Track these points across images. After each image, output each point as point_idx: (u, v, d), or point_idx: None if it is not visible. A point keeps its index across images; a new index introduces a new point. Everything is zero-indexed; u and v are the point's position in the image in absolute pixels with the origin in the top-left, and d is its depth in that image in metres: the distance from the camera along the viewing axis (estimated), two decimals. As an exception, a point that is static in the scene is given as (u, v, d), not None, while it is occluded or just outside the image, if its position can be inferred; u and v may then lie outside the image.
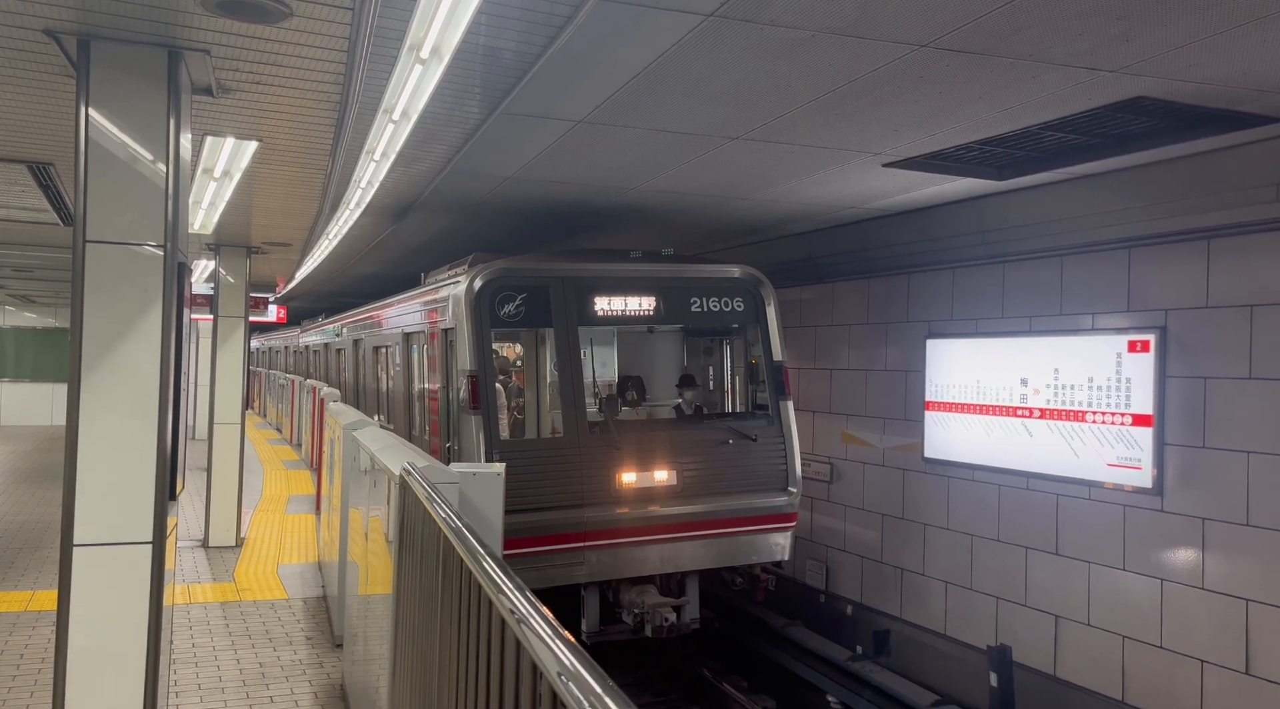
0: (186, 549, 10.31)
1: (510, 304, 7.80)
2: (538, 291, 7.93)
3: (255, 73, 4.68)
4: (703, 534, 7.95)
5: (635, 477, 7.81)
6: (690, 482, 8.01)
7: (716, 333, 9.81)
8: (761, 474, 8.30)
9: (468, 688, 2.47)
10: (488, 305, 7.72)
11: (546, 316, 7.98)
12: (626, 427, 8.22)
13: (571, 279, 8.07)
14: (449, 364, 8.41)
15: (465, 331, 7.67)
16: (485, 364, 7.58)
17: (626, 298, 8.26)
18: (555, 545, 7.44)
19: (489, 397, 7.54)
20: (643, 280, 8.36)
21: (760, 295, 8.75)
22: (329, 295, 23.01)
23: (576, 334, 8.06)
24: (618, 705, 1.41)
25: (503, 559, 2.39)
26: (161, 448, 4.17)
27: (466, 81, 5.16)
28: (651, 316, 8.41)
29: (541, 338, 9.89)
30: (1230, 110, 5.52)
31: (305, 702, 5.98)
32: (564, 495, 7.56)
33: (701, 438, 8.25)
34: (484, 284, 7.74)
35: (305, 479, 15.79)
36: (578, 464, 7.66)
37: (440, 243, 11.49)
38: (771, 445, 8.39)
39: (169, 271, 4.23)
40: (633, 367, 10.23)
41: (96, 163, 4.13)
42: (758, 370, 8.97)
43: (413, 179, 7.73)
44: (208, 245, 11.40)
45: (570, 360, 7.95)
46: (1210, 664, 6.78)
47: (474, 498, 4.20)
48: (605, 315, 8.21)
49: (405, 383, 10.81)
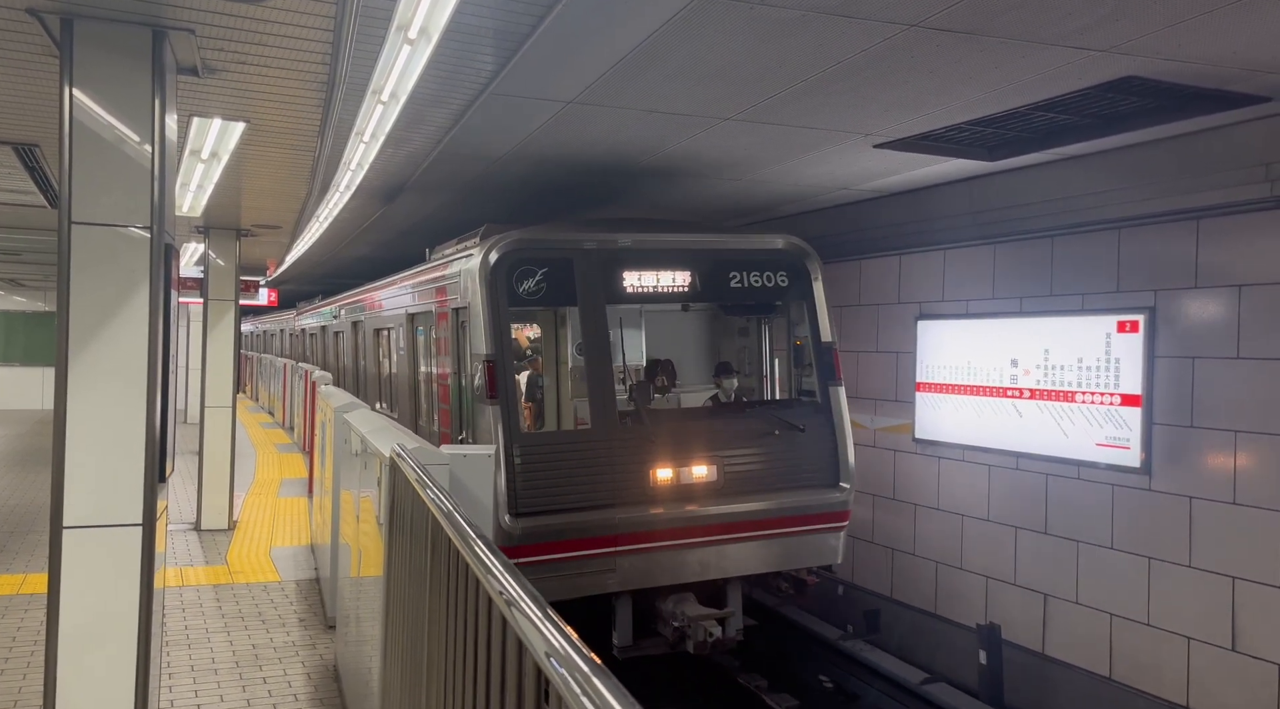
0: (179, 532, 10.31)
1: (529, 280, 6.97)
2: (560, 265, 7.07)
3: (241, 52, 4.64)
4: (748, 536, 7.14)
5: (672, 473, 7.02)
6: (733, 478, 7.22)
7: (758, 311, 8.95)
8: (811, 468, 7.52)
9: (458, 668, 2.48)
10: (505, 281, 6.91)
11: (570, 294, 7.14)
12: (660, 417, 7.49)
13: (597, 251, 7.21)
14: (460, 348, 7.72)
15: (480, 311, 6.87)
16: (503, 348, 6.82)
17: (659, 272, 7.39)
18: (583, 551, 6.66)
19: (508, 384, 6.79)
20: (677, 252, 7.50)
21: (807, 268, 7.90)
22: (321, 279, 22.94)
23: (604, 313, 7.19)
24: (605, 685, 1.42)
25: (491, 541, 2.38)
26: (150, 430, 4.16)
27: (455, 62, 5.13)
28: (687, 293, 7.60)
29: (562, 318, 9.07)
30: (1219, 90, 5.52)
31: (298, 682, 6.01)
32: (592, 495, 6.78)
33: (744, 429, 7.44)
34: (500, 257, 6.91)
35: (297, 462, 15.79)
36: (607, 459, 6.86)
37: (432, 225, 11.45)
38: (821, 436, 7.59)
39: (156, 253, 4.20)
40: (661, 349, 9.36)
41: (81, 144, 4.09)
42: (803, 352, 8.15)
43: (402, 160, 7.68)
44: (197, 228, 11.34)
45: (597, 343, 7.10)
46: (1196, 641, 6.84)
47: (465, 479, 4.21)
48: (636, 292, 7.36)
49: (410, 368, 10.02)
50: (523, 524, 6.51)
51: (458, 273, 7.53)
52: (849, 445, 7.61)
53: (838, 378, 7.78)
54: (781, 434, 7.46)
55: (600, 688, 1.40)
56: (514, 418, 6.75)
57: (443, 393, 8.43)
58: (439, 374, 8.62)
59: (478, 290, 6.88)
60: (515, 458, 6.61)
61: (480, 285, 6.87)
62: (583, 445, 6.99)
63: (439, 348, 8.51)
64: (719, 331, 9.68)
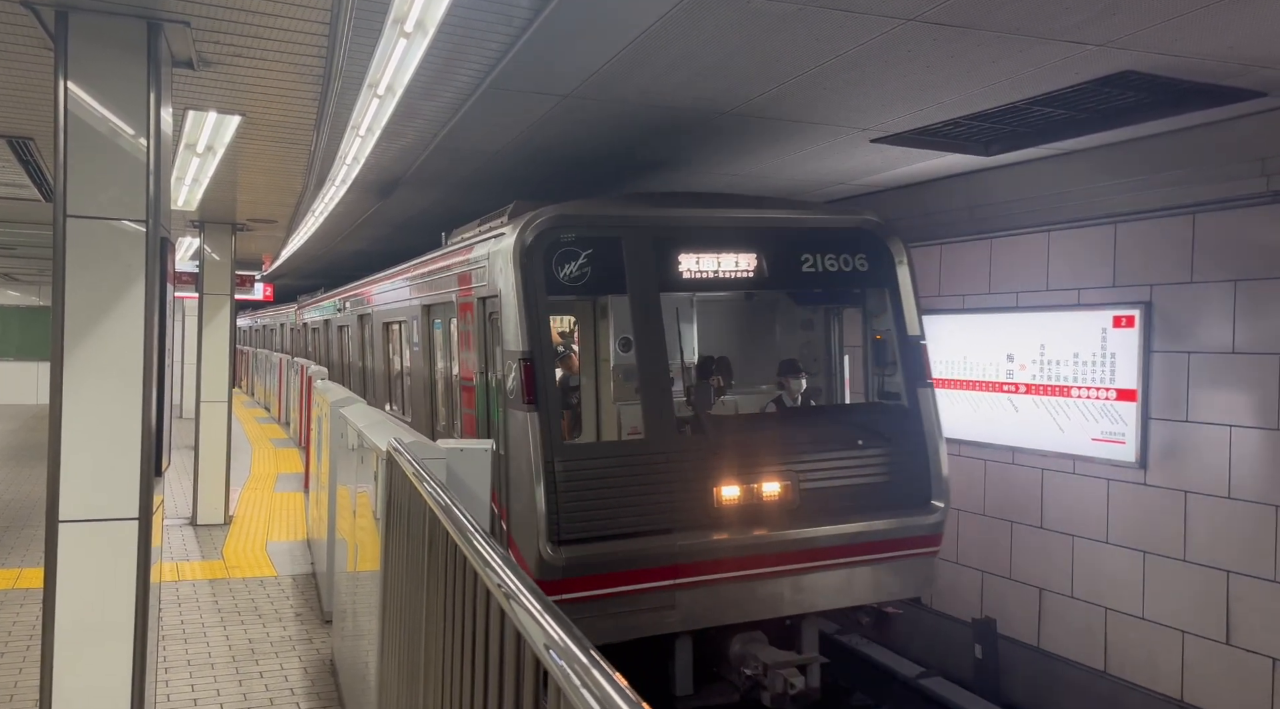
0: (175, 527, 10.30)
1: (571, 263, 6.02)
2: (606, 246, 6.13)
3: (236, 45, 4.62)
4: (828, 565, 6.21)
5: (739, 491, 6.07)
6: (810, 497, 6.26)
7: (833, 300, 7.83)
8: (900, 484, 6.55)
9: (457, 662, 2.48)
10: (542, 265, 5.98)
11: (617, 279, 6.17)
12: (725, 424, 6.57)
13: (650, 229, 6.29)
14: (487, 343, 6.83)
15: (513, 301, 5.92)
16: (542, 344, 5.89)
17: (720, 254, 6.43)
18: (638, 585, 5.74)
19: (547, 387, 5.82)
20: (743, 231, 6.57)
21: (889, 251, 6.93)
22: (317, 274, 22.90)
23: (658, 302, 6.26)
24: (603, 677, 1.42)
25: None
26: (146, 424, 4.15)
27: (451, 56, 5.12)
28: (752, 279, 6.61)
29: (601, 309, 7.79)
30: (1216, 85, 5.52)
31: (295, 677, 6.00)
32: (648, 518, 5.83)
33: (822, 438, 6.48)
34: (537, 237, 5.99)
35: (293, 457, 15.77)
36: (665, 475, 5.92)
37: (428, 219, 11.42)
38: (910, 447, 6.63)
39: (152, 247, 4.19)
40: (714, 344, 8.26)
41: (76, 137, 4.07)
42: (885, 348, 7.12)
43: (399, 154, 7.67)
44: (192, 222, 11.31)
45: (651, 338, 6.16)
46: (1191, 635, 6.87)
47: (462, 474, 4.21)
48: (694, 278, 6.41)
49: (426, 367, 9.04)
50: (567, 554, 5.60)
51: (485, 257, 6.62)
52: (942, 458, 6.68)
53: (927, 378, 6.85)
54: (865, 444, 6.52)
55: (599, 680, 1.40)
56: (554, 427, 5.79)
57: (466, 395, 7.54)
58: (461, 374, 7.71)
59: (511, 276, 5.96)
60: (557, 474, 5.66)
61: (514, 270, 5.94)
62: (636, 459, 5.99)
63: (461, 343, 7.61)
64: (777, 324, 8.53)
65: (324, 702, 5.62)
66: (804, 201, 8.56)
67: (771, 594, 6.10)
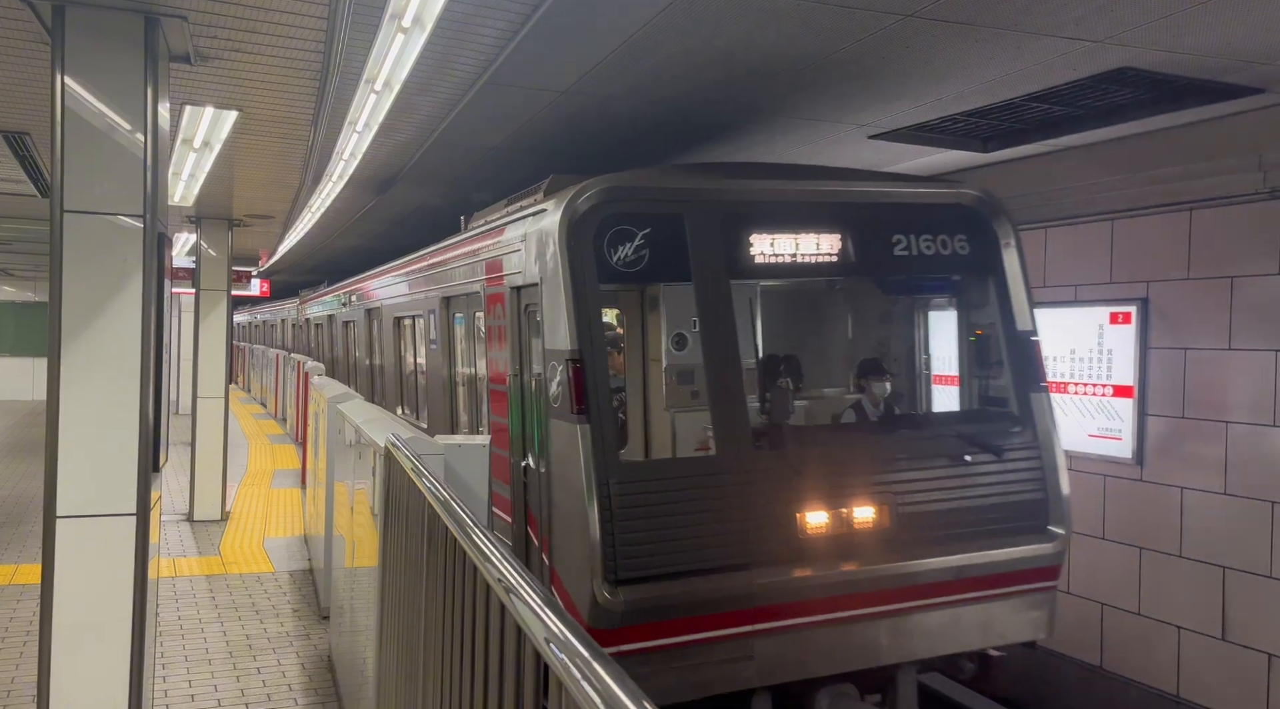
0: (171, 523, 10.29)
1: (626, 245, 5.15)
2: (667, 225, 5.25)
3: (234, 40, 4.61)
4: (931, 604, 5.32)
5: (827, 517, 5.18)
6: (910, 522, 5.35)
7: (926, 289, 6.81)
8: (1011, 507, 5.61)
9: (456, 657, 2.48)
10: (594, 247, 5.09)
11: (680, 264, 5.27)
12: (808, 437, 5.68)
13: (718, 204, 5.41)
14: (522, 340, 5.98)
15: (561, 290, 5.01)
16: (593, 342, 4.98)
17: (799, 235, 5.51)
18: (709, 632, 4.85)
19: (600, 394, 4.93)
20: (826, 207, 5.66)
21: (993, 230, 5.99)
22: (313, 269, 22.87)
23: (728, 292, 5.33)
24: (605, 670, 1.42)
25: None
26: (144, 420, 4.15)
27: (449, 50, 5.11)
28: (836, 263, 5.66)
29: (650, 300, 6.80)
30: (1213, 81, 5.53)
31: (293, 673, 6.01)
32: (722, 551, 4.92)
33: (923, 452, 5.54)
34: (588, 212, 5.11)
35: (290, 453, 15.76)
36: (742, 499, 5.00)
37: (425, 215, 11.41)
38: (1023, 462, 5.70)
39: (149, 242, 4.18)
40: (779, 341, 7.21)
41: (73, 131, 4.07)
42: (987, 345, 6.20)
43: (396, 150, 7.66)
44: (189, 218, 11.30)
45: (721, 334, 5.24)
46: (1187, 630, 6.89)
47: (460, 470, 4.22)
48: (769, 262, 5.47)
49: (445, 367, 8.12)
50: (627, 596, 4.67)
51: (520, 239, 5.77)
52: (1062, 474, 5.71)
53: (1041, 380, 5.86)
54: (975, 460, 5.58)
55: (601, 673, 1.40)
56: (610, 441, 4.89)
57: (494, 400, 6.56)
58: (488, 375, 6.73)
59: (557, 260, 5.07)
60: (614, 499, 4.76)
61: (561, 253, 5.04)
62: (707, 479, 5.03)
63: (489, 340, 6.66)
64: (850, 317, 7.48)
65: (321, 697, 5.63)
66: (891, 172, 7.40)
67: (865, 640, 5.21)
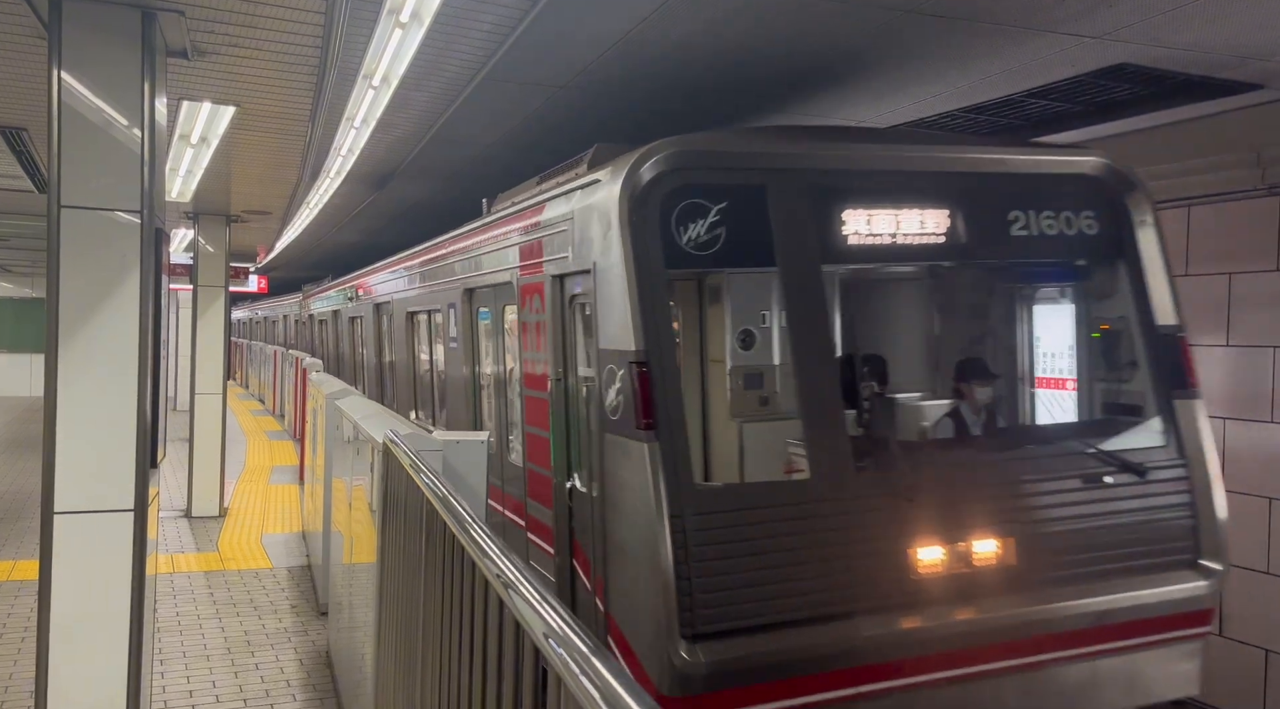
0: (170, 519, 10.29)
1: (699, 222, 4.26)
2: (746, 198, 4.36)
3: (231, 35, 4.60)
4: (1067, 656, 4.47)
5: (943, 553, 4.30)
6: (1039, 558, 4.46)
7: (1043, 276, 5.86)
8: (1156, 537, 4.70)
9: (454, 652, 2.48)
10: (660, 225, 4.22)
11: (761, 246, 4.36)
12: (915, 455, 4.80)
13: (808, 173, 4.50)
14: (566, 338, 5.15)
15: (623, 277, 4.17)
16: (663, 340, 4.12)
17: (900, 211, 4.61)
18: (807, 696, 4.01)
19: (671, 404, 4.06)
20: (934, 177, 4.74)
21: (1126, 206, 5.07)
22: (311, 265, 22.85)
23: (820, 280, 4.43)
24: (604, 665, 1.42)
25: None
26: (141, 415, 4.14)
27: (447, 46, 5.10)
28: (945, 246, 4.73)
29: (711, 290, 5.84)
30: (1211, 78, 5.53)
31: (291, 669, 6.01)
32: (819, 597, 4.07)
33: (1051, 472, 4.64)
34: (654, 181, 4.24)
35: (288, 449, 15.76)
36: (844, 532, 4.16)
37: (422, 211, 11.40)
38: (1169, 482, 4.78)
39: (146, 238, 4.17)
40: (861, 338, 6.07)
41: (70, 126, 4.06)
42: (1116, 343, 5.31)
43: (394, 146, 7.65)
44: (186, 214, 11.29)
45: (812, 332, 4.35)
46: (1184, 626, 6.90)
47: (458, 465, 4.21)
48: (866, 244, 4.55)
49: (467, 368, 7.24)
50: (708, 655, 3.83)
51: (566, 218, 4.92)
52: (1217, 496, 4.79)
53: (1191, 384, 4.93)
54: (1115, 480, 4.67)
55: (600, 668, 1.40)
56: (684, 463, 4.01)
57: (530, 408, 5.74)
58: (523, 379, 5.85)
59: (616, 241, 4.22)
60: (690, 534, 3.91)
61: (622, 232, 4.19)
62: (803, 509, 4.14)
63: (524, 338, 5.80)
64: (934, 308, 6.44)
65: (320, 693, 5.63)
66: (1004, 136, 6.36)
67: (990, 702, 4.39)
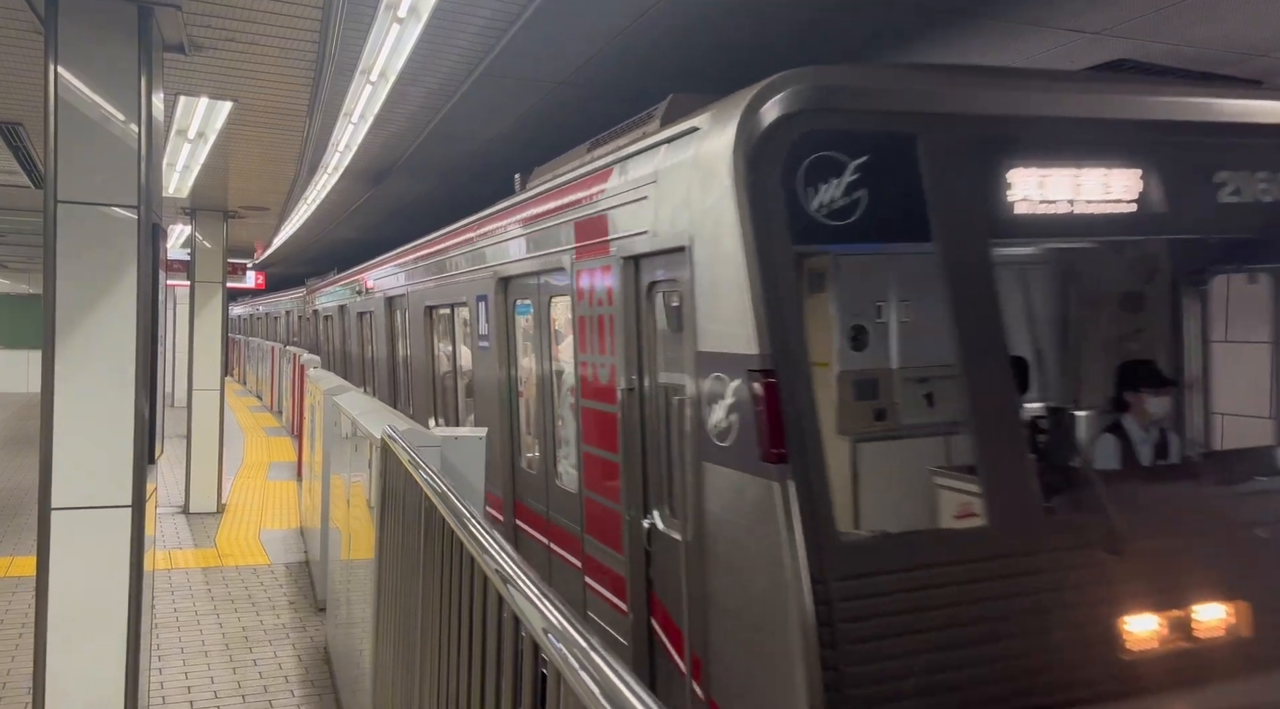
0: (167, 515, 10.28)
1: (833, 182, 3.22)
2: (892, 152, 3.32)
3: (228, 29, 4.58)
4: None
5: (1161, 625, 3.33)
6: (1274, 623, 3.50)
7: (1245, 255, 4.58)
8: None
9: (453, 648, 2.48)
10: (787, 185, 3.19)
11: (910, 216, 3.33)
12: (1115, 493, 3.48)
13: (973, 122, 3.44)
14: (642, 335, 4.10)
15: (738, 254, 3.20)
16: (794, 342, 3.13)
17: (1080, 170, 3.50)
18: None
19: (809, 429, 3.09)
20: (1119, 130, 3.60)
21: None
22: (309, 261, 22.83)
23: (989, 260, 3.39)
24: (603, 660, 1.42)
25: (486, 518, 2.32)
26: (139, 411, 4.13)
27: (445, 41, 5.08)
28: (1135, 215, 3.60)
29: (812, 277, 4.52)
30: (1211, 74, 5.52)
31: (289, 664, 6.01)
32: (1007, 687, 3.12)
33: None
34: (779, 123, 3.21)
35: (286, 446, 15.75)
36: (1032, 601, 3.19)
37: (420, 207, 11.39)
38: None
39: (143, 233, 4.16)
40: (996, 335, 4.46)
41: (67, 121, 4.04)
42: None
43: (391, 142, 7.63)
44: (183, 209, 11.27)
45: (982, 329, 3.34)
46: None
47: (456, 462, 4.20)
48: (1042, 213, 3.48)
49: (501, 371, 6.12)
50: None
51: (647, 180, 3.87)
52: None
53: None
54: None
55: (599, 663, 1.40)
56: (825, 509, 3.04)
57: (591, 423, 4.63)
58: (582, 385, 4.71)
59: (728, 205, 3.23)
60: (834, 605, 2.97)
61: (736, 193, 3.19)
62: (981, 567, 3.15)
63: (581, 335, 4.68)
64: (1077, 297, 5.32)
65: (318, 689, 5.63)
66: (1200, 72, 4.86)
67: None
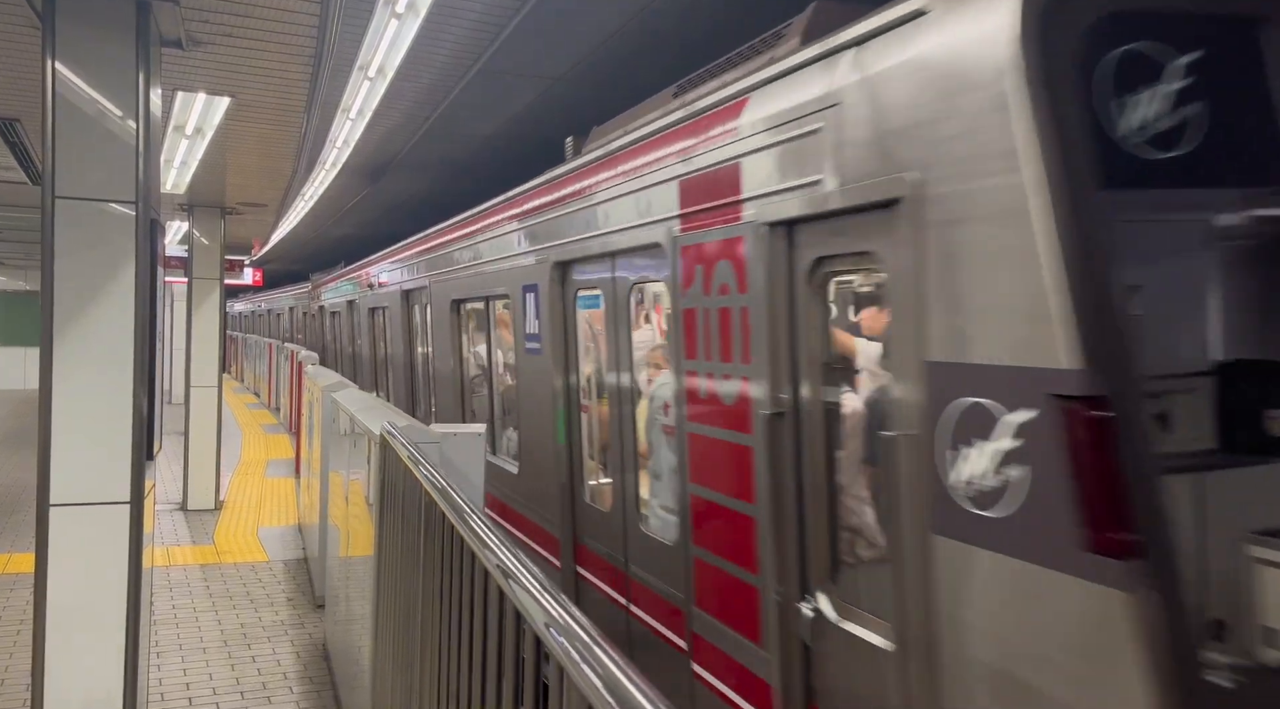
0: (165, 512, 10.27)
1: (1149, 93, 2.28)
2: (1225, 47, 2.39)
3: (226, 25, 4.57)
4: None
5: None
6: None
7: None
8: None
9: (454, 644, 2.48)
10: (1083, 95, 2.24)
11: (1242, 145, 2.41)
12: None
13: None
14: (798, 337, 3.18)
15: (1020, 204, 2.17)
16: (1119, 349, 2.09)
17: None
18: None
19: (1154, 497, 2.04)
20: None
21: None
22: (307, 259, 22.81)
23: None
24: (606, 655, 1.41)
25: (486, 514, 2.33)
26: (137, 408, 4.12)
27: (443, 37, 5.07)
28: None
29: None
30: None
31: (288, 661, 6.00)
32: None
33: None
34: None
35: (284, 443, 15.74)
36: None
37: (418, 205, 11.37)
38: None
39: (141, 229, 4.15)
40: None
41: (64, 117, 4.02)
42: None
43: (389, 137, 7.62)
44: (181, 206, 11.24)
45: None
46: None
47: (455, 457, 4.19)
48: None
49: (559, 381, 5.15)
50: None
51: (823, 103, 2.93)
52: None
53: None
54: None
55: (602, 657, 1.40)
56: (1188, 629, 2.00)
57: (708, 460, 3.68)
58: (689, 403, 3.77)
59: (1004, 127, 2.23)
60: None
61: (1030, 103, 2.18)
62: None
63: (689, 335, 3.73)
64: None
65: (316, 685, 5.62)
66: None
67: None
